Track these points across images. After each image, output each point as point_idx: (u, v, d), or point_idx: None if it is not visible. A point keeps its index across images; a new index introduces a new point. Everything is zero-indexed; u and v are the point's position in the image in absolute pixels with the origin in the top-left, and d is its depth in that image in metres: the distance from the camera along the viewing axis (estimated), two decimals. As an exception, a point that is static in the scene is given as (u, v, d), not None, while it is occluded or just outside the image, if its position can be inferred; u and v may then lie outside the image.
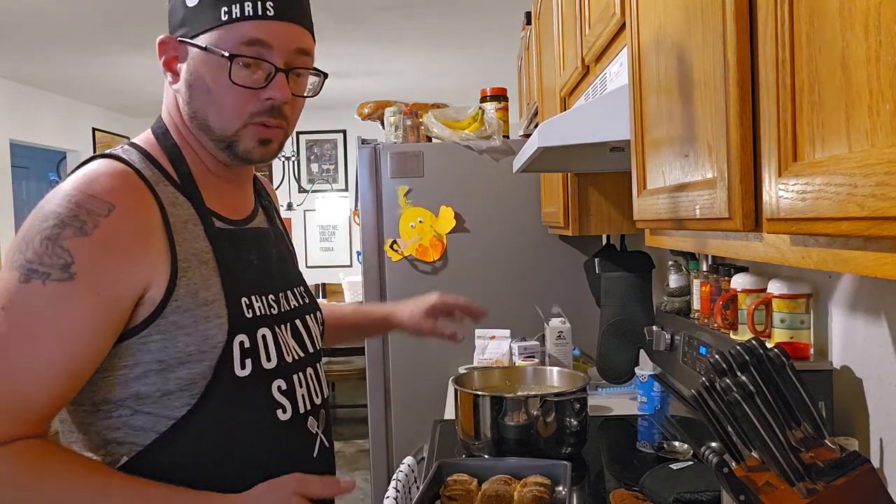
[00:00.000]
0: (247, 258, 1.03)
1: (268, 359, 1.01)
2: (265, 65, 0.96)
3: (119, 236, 0.89)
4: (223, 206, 1.04)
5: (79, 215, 0.88)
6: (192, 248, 0.96)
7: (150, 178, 0.96)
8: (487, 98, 2.89)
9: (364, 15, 3.95)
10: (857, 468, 0.84)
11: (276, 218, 1.20)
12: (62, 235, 0.87)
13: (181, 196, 0.98)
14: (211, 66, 0.96)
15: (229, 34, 0.95)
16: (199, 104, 0.98)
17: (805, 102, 0.59)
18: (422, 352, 2.82)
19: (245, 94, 0.96)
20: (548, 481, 1.45)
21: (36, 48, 4.44)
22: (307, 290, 1.18)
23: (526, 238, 2.84)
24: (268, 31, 0.95)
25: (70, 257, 0.87)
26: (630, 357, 2.18)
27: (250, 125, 0.98)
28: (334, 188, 7.17)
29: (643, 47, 1.10)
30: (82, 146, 6.14)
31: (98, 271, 0.88)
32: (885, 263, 0.51)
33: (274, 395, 1.01)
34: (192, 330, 0.93)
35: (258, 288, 1.03)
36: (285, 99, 0.98)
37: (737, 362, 0.89)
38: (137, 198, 0.92)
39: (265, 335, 1.01)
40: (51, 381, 0.88)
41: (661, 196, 0.99)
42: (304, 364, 1.08)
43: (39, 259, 0.86)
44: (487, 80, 3.97)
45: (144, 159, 0.98)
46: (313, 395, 1.09)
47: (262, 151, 1.01)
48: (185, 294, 0.93)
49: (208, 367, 0.94)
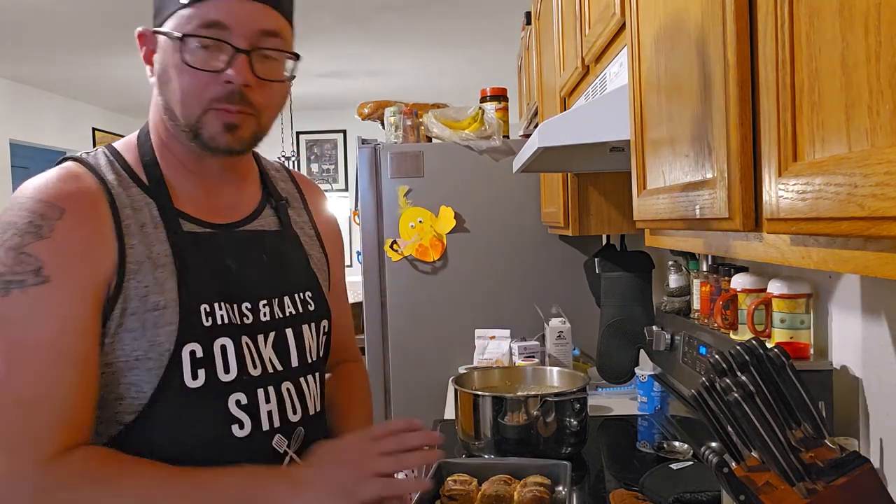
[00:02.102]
0: (220, 263, 0.99)
1: (225, 370, 0.96)
2: (225, 46, 0.91)
3: (73, 237, 0.89)
4: (201, 209, 1.01)
5: (33, 220, 0.88)
6: (147, 251, 0.93)
7: (111, 181, 0.95)
8: (487, 98, 2.89)
9: (364, 15, 3.95)
10: (857, 468, 0.84)
11: (293, 220, 1.14)
12: (23, 243, 0.87)
13: (147, 198, 0.97)
14: (170, 51, 0.93)
15: (189, 17, 0.91)
16: (165, 93, 0.96)
17: (805, 102, 0.59)
18: (422, 352, 2.82)
19: (203, 78, 0.92)
20: (548, 481, 1.45)
21: (36, 48, 4.44)
22: (315, 297, 1.11)
23: (526, 238, 2.84)
24: (227, 11, 0.91)
25: (38, 262, 0.87)
26: (630, 357, 2.18)
27: (210, 110, 0.93)
28: (334, 188, 7.17)
29: (643, 47, 1.10)
30: (82, 146, 6.15)
31: (66, 270, 0.88)
32: (885, 263, 0.51)
33: (230, 408, 0.96)
34: (138, 335, 0.91)
35: (227, 295, 0.98)
36: (244, 81, 0.92)
37: (737, 362, 0.89)
38: (86, 200, 0.92)
39: (224, 345, 0.96)
40: (75, 378, 0.88)
41: (661, 196, 0.99)
42: (280, 378, 1.02)
43: (10, 270, 0.86)
44: (487, 80, 3.97)
45: (112, 162, 0.98)
46: (288, 411, 1.02)
47: (230, 139, 0.95)
48: (133, 297, 0.91)
49: (155, 375, 0.92)
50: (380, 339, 2.85)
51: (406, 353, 2.84)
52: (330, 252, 1.20)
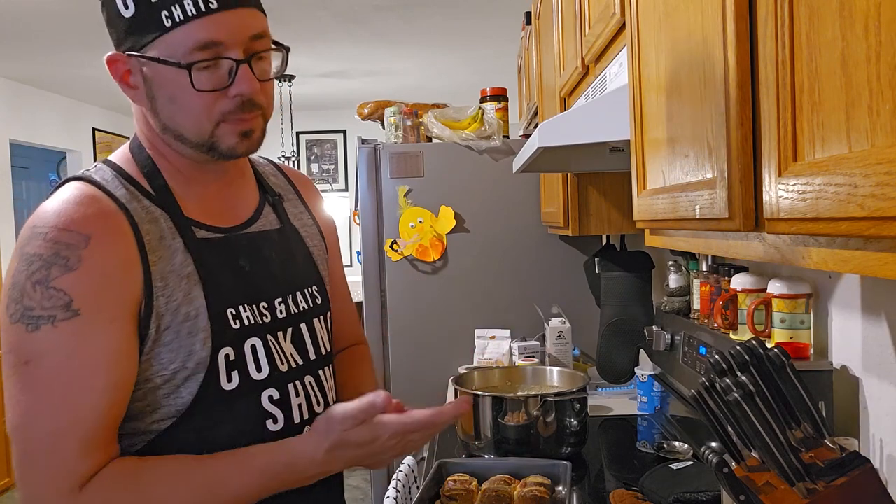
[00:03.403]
0: (235, 266, 1.00)
1: (258, 370, 0.98)
2: (224, 62, 0.91)
3: (101, 266, 0.88)
4: (207, 215, 1.01)
5: (59, 252, 0.87)
6: (169, 264, 0.94)
7: (123, 196, 0.94)
8: (487, 98, 2.89)
9: (364, 15, 3.95)
10: (857, 468, 0.84)
11: (290, 214, 1.15)
12: (51, 276, 0.86)
13: (158, 210, 0.96)
14: (169, 76, 0.92)
15: (179, 40, 0.89)
16: (167, 115, 0.95)
17: (805, 102, 0.59)
18: (422, 352, 2.82)
19: (212, 96, 0.92)
20: (548, 481, 1.45)
21: (36, 48, 4.44)
22: (321, 290, 1.13)
23: (526, 238, 2.84)
24: (217, 27, 0.90)
25: (67, 296, 0.86)
26: (630, 357, 2.18)
27: (223, 123, 0.94)
28: (334, 188, 7.17)
29: (643, 47, 1.10)
30: (82, 146, 6.14)
31: (96, 301, 0.87)
32: (885, 263, 0.51)
33: (264, 405, 0.99)
34: (175, 346, 0.92)
35: (248, 297, 1.00)
36: (254, 90, 0.93)
37: (737, 362, 0.89)
38: (110, 223, 0.91)
39: (254, 345, 0.98)
40: (106, 406, 0.89)
41: (661, 196, 0.99)
42: (303, 372, 1.05)
43: (39, 304, 0.85)
44: (487, 80, 3.97)
45: (118, 177, 0.97)
46: (313, 403, 1.05)
47: (247, 144, 0.96)
48: (165, 312, 0.91)
49: (194, 382, 0.93)
50: (380, 339, 2.85)
51: (406, 353, 2.84)
52: (328, 240, 1.21)
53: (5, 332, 0.88)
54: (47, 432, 0.86)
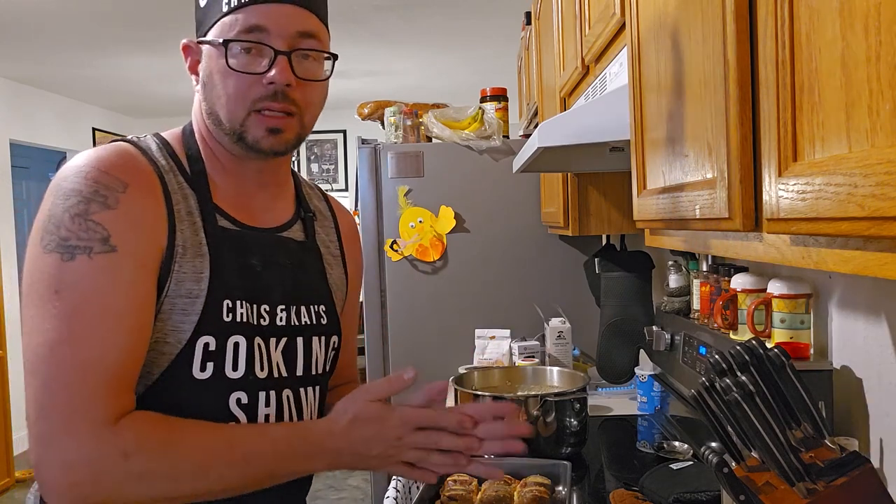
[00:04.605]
0: (247, 263, 1.01)
1: (233, 367, 0.97)
2: (265, 49, 0.95)
3: (138, 211, 0.91)
4: (235, 208, 1.03)
5: (98, 190, 0.89)
6: (191, 238, 0.96)
7: (162, 165, 0.97)
8: (487, 98, 2.89)
9: (364, 15, 3.95)
10: (857, 468, 0.84)
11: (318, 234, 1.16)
12: (90, 210, 0.88)
13: (188, 189, 0.99)
14: (213, 57, 0.97)
15: (229, 24, 0.95)
16: (210, 98, 0.99)
17: (805, 102, 0.59)
18: (422, 352, 2.82)
19: (247, 80, 0.95)
20: (548, 481, 1.45)
21: (36, 48, 4.44)
22: (329, 311, 1.12)
23: (526, 238, 2.84)
24: (266, 15, 0.95)
25: (105, 231, 0.88)
26: (630, 357, 2.18)
27: (254, 113, 0.96)
28: (334, 188, 7.16)
29: (643, 47, 1.10)
30: (82, 146, 6.14)
31: (132, 242, 0.89)
32: (885, 263, 0.51)
33: (230, 405, 0.97)
34: (165, 317, 0.93)
35: (250, 295, 1.00)
36: (286, 81, 0.95)
37: (737, 362, 0.89)
38: (145, 180, 0.94)
39: (237, 343, 0.97)
40: (131, 345, 0.89)
41: (661, 196, 0.99)
42: (282, 385, 1.03)
43: (76, 235, 0.87)
44: (487, 80, 3.97)
45: (162, 148, 1.00)
46: (284, 418, 1.03)
47: (273, 141, 0.98)
48: (174, 280, 0.93)
49: (166, 360, 0.93)
50: (380, 339, 2.85)
51: (406, 353, 2.84)
52: (351, 279, 1.22)
53: (37, 262, 0.88)
54: (77, 362, 0.86)
